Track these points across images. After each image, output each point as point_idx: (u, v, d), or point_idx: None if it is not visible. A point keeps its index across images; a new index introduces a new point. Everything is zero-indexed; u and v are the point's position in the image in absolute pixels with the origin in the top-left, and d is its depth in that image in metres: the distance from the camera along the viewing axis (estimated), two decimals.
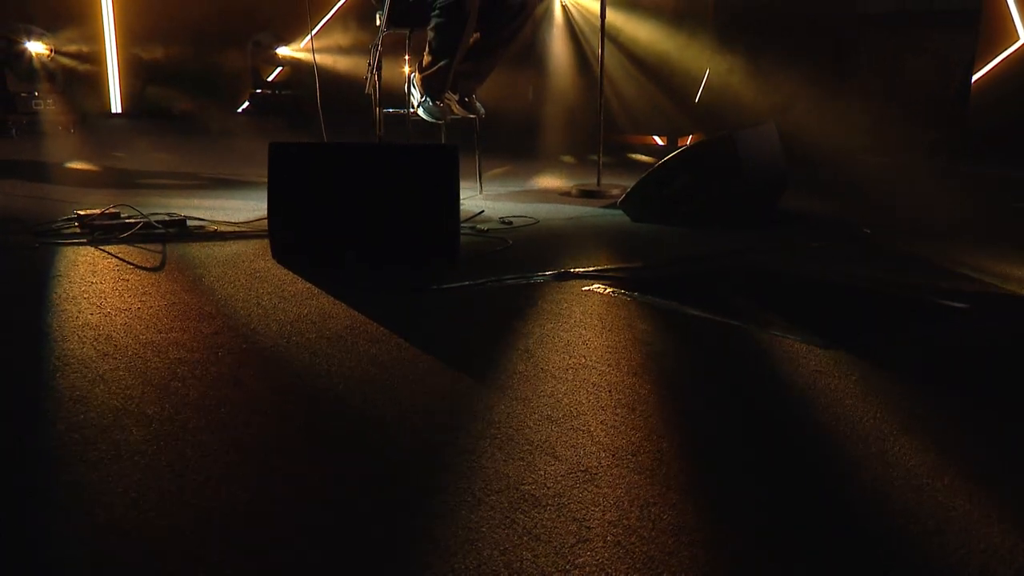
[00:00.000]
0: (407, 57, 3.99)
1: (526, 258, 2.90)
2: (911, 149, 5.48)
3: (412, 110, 3.91)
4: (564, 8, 6.61)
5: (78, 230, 3.02)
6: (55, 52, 6.10)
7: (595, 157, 4.13)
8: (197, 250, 2.86)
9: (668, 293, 2.48)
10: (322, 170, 2.77)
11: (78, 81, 6.83)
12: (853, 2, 6.59)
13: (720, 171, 3.28)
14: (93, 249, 2.81)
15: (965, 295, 2.51)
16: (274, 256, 2.73)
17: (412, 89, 3.90)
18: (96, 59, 7.19)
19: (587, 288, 2.52)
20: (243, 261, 2.73)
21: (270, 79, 7.08)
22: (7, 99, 5.87)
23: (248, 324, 2.11)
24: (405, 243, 2.77)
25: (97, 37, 7.20)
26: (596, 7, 6.32)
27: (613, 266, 2.76)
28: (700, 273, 2.78)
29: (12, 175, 4.28)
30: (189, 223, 3.21)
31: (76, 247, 2.83)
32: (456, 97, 3.94)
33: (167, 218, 3.16)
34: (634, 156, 5.83)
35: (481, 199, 4.00)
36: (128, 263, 2.66)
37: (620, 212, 3.57)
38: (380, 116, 3.49)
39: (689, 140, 5.87)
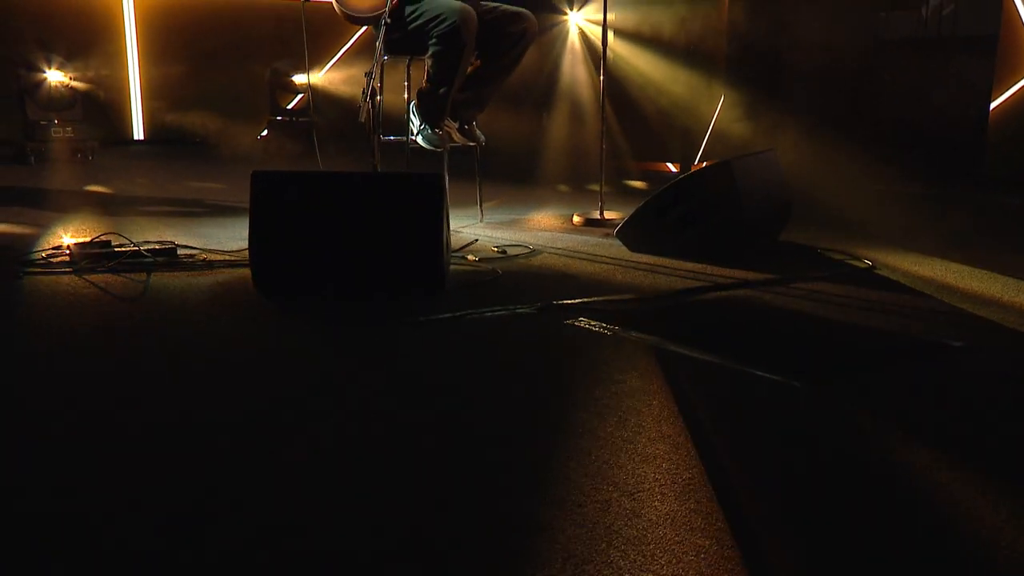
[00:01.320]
0: (406, 85, 3.94)
1: (514, 289, 2.82)
2: (929, 178, 5.32)
3: (411, 138, 3.85)
4: (581, 33, 6.56)
5: (67, 259, 2.98)
6: (74, 80, 6.14)
7: (604, 184, 4.04)
8: (179, 280, 2.80)
9: (652, 327, 2.38)
10: (305, 199, 2.71)
11: (98, 108, 6.88)
12: (871, 28, 6.46)
13: (718, 200, 3.18)
14: (77, 279, 2.76)
15: (963, 330, 2.39)
16: (256, 286, 2.67)
17: (412, 117, 3.84)
18: (117, 86, 7.25)
19: (569, 321, 2.43)
20: (223, 293, 2.68)
21: (289, 106, 7.09)
22: (26, 127, 5.92)
23: (211, 389, 2.04)
24: (388, 274, 2.70)
25: (119, 65, 7.26)
26: (611, 29, 6.29)
27: (599, 298, 2.66)
28: (688, 306, 2.68)
29: (19, 202, 4.28)
30: (180, 251, 3.16)
31: (60, 276, 2.79)
32: (456, 125, 3.88)
33: (158, 246, 3.12)
34: (632, 183, 5.72)
35: (481, 227, 3.93)
36: (108, 293, 2.61)
37: (619, 241, 3.48)
38: (376, 144, 3.43)
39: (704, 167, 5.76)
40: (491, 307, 2.53)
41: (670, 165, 6.24)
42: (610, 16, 6.24)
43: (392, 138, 3.96)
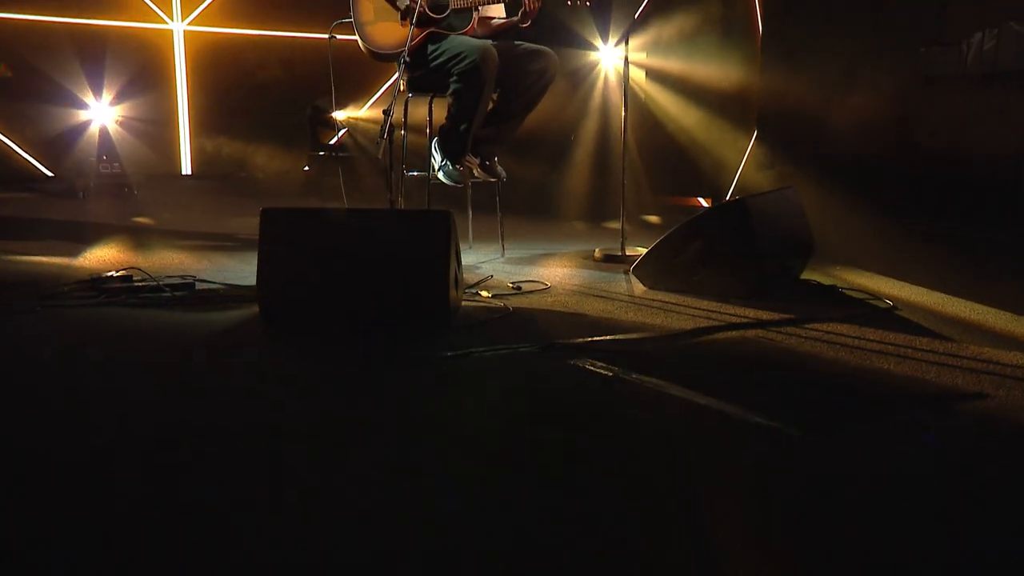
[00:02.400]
0: (428, 121, 3.93)
1: (523, 326, 2.77)
2: (967, 217, 5.13)
3: (433, 173, 3.84)
4: (614, 70, 6.53)
5: (87, 292, 3.00)
6: (124, 118, 6.28)
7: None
8: (188, 315, 2.80)
9: (655, 369, 2.30)
10: (314, 236, 2.70)
11: (147, 144, 7.01)
12: (916, 63, 6.31)
13: (732, 238, 3.09)
14: (90, 312, 2.77)
15: (983, 377, 2.26)
16: (264, 322, 2.65)
17: (434, 153, 3.83)
18: (167, 122, 7.39)
19: (572, 362, 2.36)
20: (232, 328, 2.66)
21: (331, 142, 7.15)
22: (78, 163, 6.06)
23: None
24: (394, 311, 2.66)
25: (169, 101, 7.41)
26: (643, 68, 6.24)
27: (605, 338, 2.59)
28: (695, 347, 2.59)
29: (59, 235, 4.35)
30: (199, 286, 3.17)
31: (75, 310, 2.80)
32: (477, 161, 3.86)
33: (178, 281, 3.12)
34: (648, 218, 5.62)
35: (502, 263, 3.88)
36: (116, 328, 2.61)
37: (636, 278, 3.40)
38: (394, 180, 3.42)
39: None
40: (494, 346, 2.48)
41: (701, 200, 6.14)
42: (642, 55, 6.25)
43: (415, 173, 3.95)
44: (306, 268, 2.66)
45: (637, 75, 6.29)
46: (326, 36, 4.15)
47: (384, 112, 3.28)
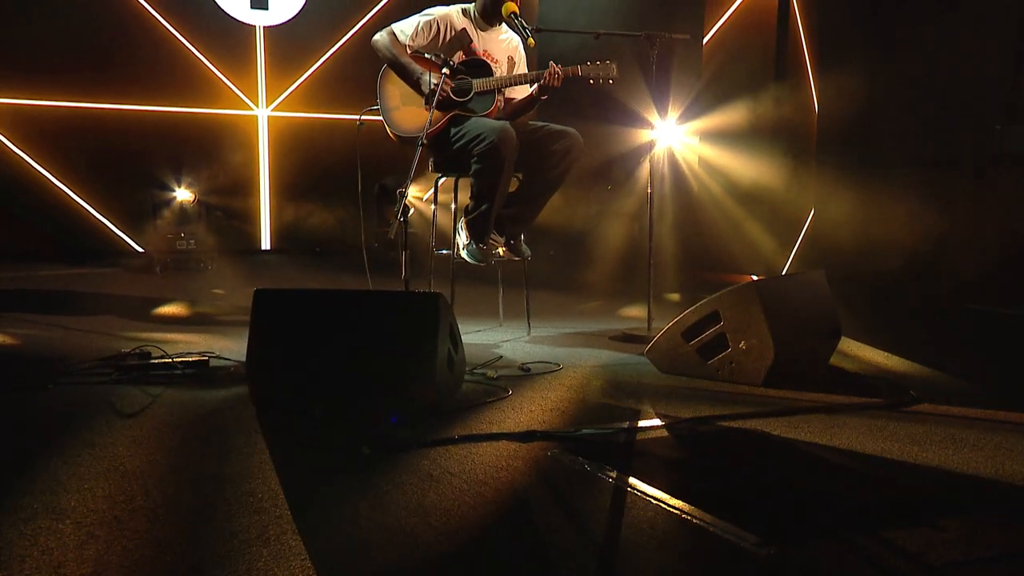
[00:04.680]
0: (454, 198, 3.86)
1: (516, 411, 2.61)
2: None
3: (457, 252, 3.74)
4: (670, 147, 6.39)
5: (104, 369, 2.98)
6: (199, 196, 6.47)
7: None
8: (190, 394, 2.73)
9: (636, 463, 2.11)
10: (305, 317, 2.61)
11: (228, 221, 7.20)
12: (992, 137, 5.93)
13: (745, 324, 2.87)
14: (97, 390, 2.74)
15: (981, 493, 1.97)
16: (254, 404, 2.57)
17: (459, 232, 3.74)
18: (248, 200, 7.58)
19: (553, 452, 2.19)
20: (228, 407, 2.59)
21: (403, 218, 7.17)
22: (156, 239, 6.24)
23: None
24: (382, 393, 2.54)
25: (251, 179, 7.62)
26: (694, 149, 6.08)
27: (590, 428, 2.41)
28: (688, 438, 2.37)
29: (111, 310, 4.41)
30: (213, 363, 3.12)
31: (84, 387, 2.78)
32: (502, 240, 3.75)
33: (194, 358, 3.09)
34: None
35: (525, 341, 3.73)
36: (113, 406, 2.56)
37: (650, 361, 3.20)
38: (405, 260, 3.33)
39: None
40: (476, 433, 2.33)
41: (754, 277, 5.86)
42: (697, 122, 6.09)
43: (444, 251, 3.86)
44: (296, 349, 2.58)
45: (691, 149, 6.13)
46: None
47: (398, 193, 3.21)
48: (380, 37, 3.75)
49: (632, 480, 1.96)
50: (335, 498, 1.88)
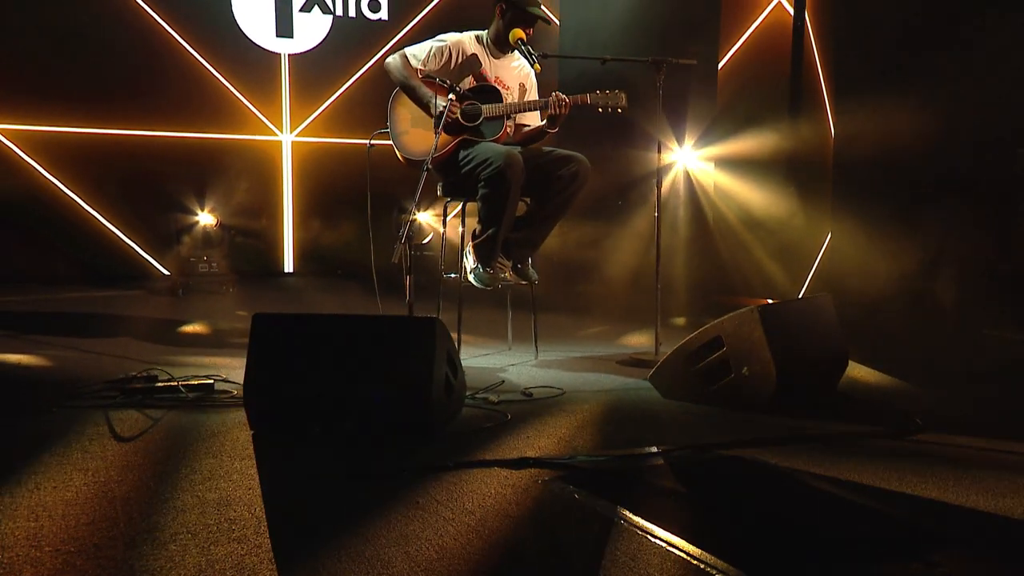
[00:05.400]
0: (462, 221, 3.83)
1: (513, 436, 2.57)
2: None
3: (464, 276, 3.71)
4: (687, 173, 6.32)
5: (109, 392, 2.97)
6: (223, 220, 6.51)
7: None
8: (190, 418, 2.71)
9: (621, 492, 2.05)
10: (302, 341, 2.58)
11: (251, 244, 7.23)
12: (1016, 162, 5.79)
13: (748, 349, 2.79)
14: (98, 413, 2.72)
15: (989, 526, 1.88)
16: (251, 427, 2.54)
17: (466, 256, 3.71)
18: (270, 224, 7.62)
19: (544, 480, 2.13)
20: (227, 431, 2.56)
21: (425, 242, 7.16)
22: (179, 263, 6.27)
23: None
24: (377, 418, 2.50)
25: (274, 203, 7.66)
26: (711, 174, 6.01)
27: (585, 456, 2.35)
28: (677, 467, 2.30)
29: (134, 332, 4.41)
30: (219, 386, 3.10)
31: (87, 410, 2.76)
32: (509, 264, 3.71)
33: (199, 381, 3.07)
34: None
35: (532, 365, 3.68)
36: (112, 429, 2.55)
37: (653, 386, 3.13)
38: (410, 283, 3.30)
39: None
40: (466, 460, 2.28)
41: (770, 301, 5.76)
42: (714, 148, 6.02)
43: (453, 275, 3.83)
44: (292, 373, 2.55)
45: (706, 175, 6.06)
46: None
47: (402, 218, 3.19)
48: (393, 60, 3.75)
49: (620, 510, 1.89)
50: (319, 526, 1.84)
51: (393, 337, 2.57)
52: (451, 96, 3.50)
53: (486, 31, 3.78)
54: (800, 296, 5.59)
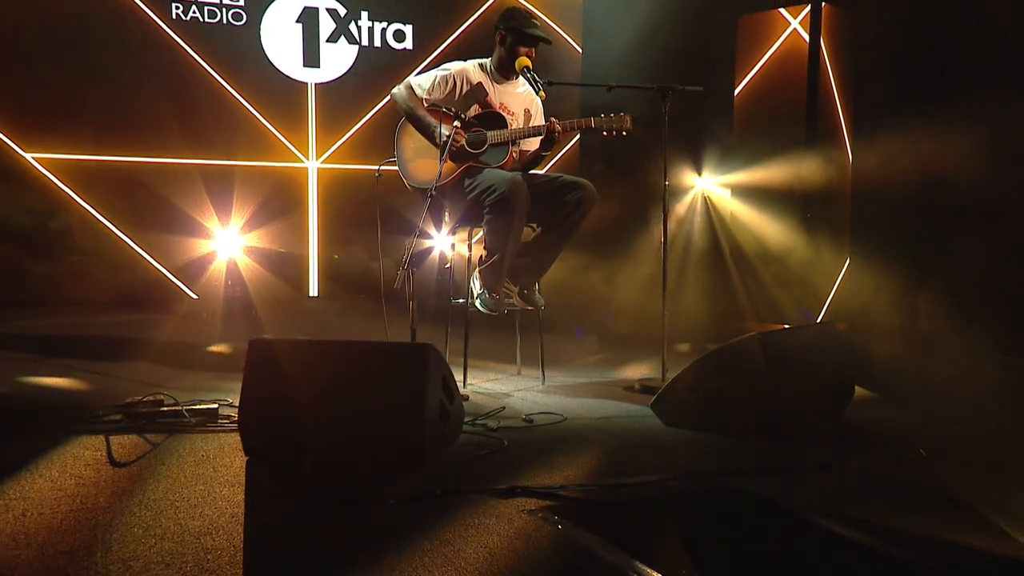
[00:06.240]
0: (468, 246, 3.80)
1: (508, 464, 2.51)
2: None
3: (470, 301, 3.66)
4: (705, 199, 6.24)
5: (114, 416, 2.96)
6: (250, 244, 6.55)
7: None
8: (189, 443, 2.68)
9: (606, 524, 1.98)
10: (297, 367, 2.55)
11: (276, 269, 7.26)
12: None
13: (748, 377, 2.71)
14: (102, 437, 2.70)
15: (985, 565, 1.78)
16: (246, 452, 2.51)
17: (473, 282, 3.67)
18: (295, 249, 7.64)
19: (530, 510, 2.07)
20: (223, 455, 2.52)
21: (447, 267, 7.12)
22: (207, 287, 6.31)
23: None
24: (370, 445, 2.46)
25: (300, 229, 7.68)
26: (728, 201, 5.92)
27: (576, 485, 2.28)
28: (668, 497, 2.22)
29: (154, 356, 4.42)
30: (223, 411, 3.07)
31: (90, 436, 2.74)
32: (516, 289, 3.66)
33: (204, 406, 3.05)
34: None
35: (538, 390, 3.62)
36: (108, 455, 2.53)
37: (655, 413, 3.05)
38: (413, 308, 3.26)
39: None
40: (453, 488, 2.22)
41: (787, 327, 5.63)
42: (730, 176, 5.94)
43: (461, 300, 3.79)
44: (286, 399, 2.51)
45: (723, 201, 5.98)
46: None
47: (406, 245, 3.17)
48: (398, 91, 3.75)
49: (603, 543, 1.83)
50: (295, 557, 1.80)
51: (385, 363, 2.52)
52: (455, 124, 3.48)
53: (489, 59, 3.76)
54: (820, 318, 5.48)
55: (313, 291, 7.81)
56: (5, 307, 6.15)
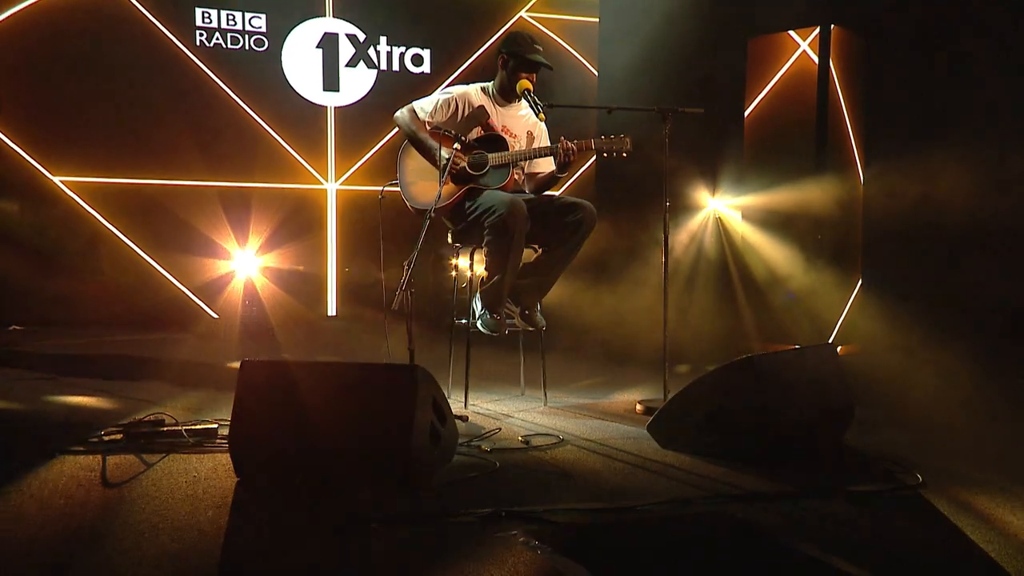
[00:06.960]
0: (470, 266, 3.77)
1: (497, 486, 2.47)
2: None
3: (472, 322, 3.63)
4: (717, 220, 6.18)
5: (115, 436, 2.95)
6: (270, 264, 6.58)
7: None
8: (184, 463, 2.66)
9: (588, 550, 1.93)
10: (288, 389, 2.52)
11: (294, 289, 7.28)
12: None
13: (740, 400, 2.65)
14: (99, 457, 2.69)
15: None
16: (236, 474, 2.49)
17: (475, 303, 3.64)
18: (313, 269, 7.67)
19: (512, 534, 2.02)
20: (217, 475, 2.50)
21: (463, 286, 7.10)
22: (227, 307, 6.35)
23: None
24: (358, 467, 2.42)
25: (317, 250, 7.72)
26: (739, 223, 5.86)
27: (564, 508, 2.22)
28: (652, 523, 2.16)
29: (166, 375, 4.42)
30: (222, 431, 3.05)
31: (87, 455, 2.73)
32: (517, 310, 3.62)
33: (204, 426, 3.03)
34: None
35: (539, 411, 3.57)
36: (102, 475, 2.51)
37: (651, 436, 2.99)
38: (410, 328, 3.23)
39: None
40: (438, 511, 2.18)
41: (798, 347, 5.53)
42: (741, 199, 5.88)
43: (463, 321, 3.76)
44: (278, 420, 2.49)
45: (734, 223, 5.92)
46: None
47: (405, 264, 3.14)
48: (401, 114, 3.75)
49: (582, 570, 1.77)
50: None
51: (374, 384, 2.49)
52: (456, 146, 3.47)
53: (491, 83, 3.76)
54: (831, 340, 5.37)
55: (331, 311, 7.83)
56: (29, 326, 6.23)
